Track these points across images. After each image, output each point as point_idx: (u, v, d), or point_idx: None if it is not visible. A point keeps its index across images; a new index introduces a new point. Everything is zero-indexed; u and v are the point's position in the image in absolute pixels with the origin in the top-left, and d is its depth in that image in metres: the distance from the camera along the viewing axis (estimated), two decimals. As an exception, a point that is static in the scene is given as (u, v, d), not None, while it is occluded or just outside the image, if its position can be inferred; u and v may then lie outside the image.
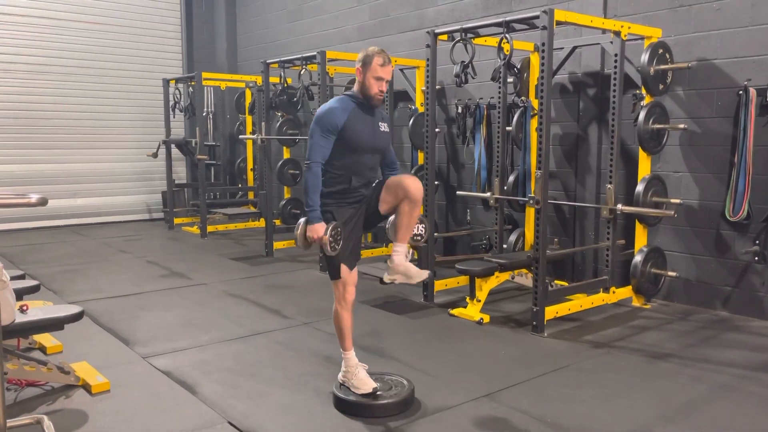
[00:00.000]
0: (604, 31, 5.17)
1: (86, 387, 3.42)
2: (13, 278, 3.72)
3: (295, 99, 7.47)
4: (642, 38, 5.06)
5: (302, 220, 3.19)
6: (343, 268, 3.20)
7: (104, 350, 4.08)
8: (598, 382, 3.59)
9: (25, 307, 3.29)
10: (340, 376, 3.32)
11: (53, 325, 3.34)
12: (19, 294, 3.70)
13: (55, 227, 9.37)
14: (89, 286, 5.83)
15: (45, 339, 4.06)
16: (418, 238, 3.39)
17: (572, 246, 5.87)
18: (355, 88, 3.24)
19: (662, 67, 4.91)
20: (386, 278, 3.28)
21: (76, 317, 3.39)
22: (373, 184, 3.30)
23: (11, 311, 3.11)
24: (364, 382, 3.22)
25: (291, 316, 4.87)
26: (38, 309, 3.44)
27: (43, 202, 2.26)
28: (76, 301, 5.11)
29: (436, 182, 5.84)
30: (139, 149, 9.96)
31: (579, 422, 3.07)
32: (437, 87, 6.32)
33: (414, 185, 3.12)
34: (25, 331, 3.41)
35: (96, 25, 9.79)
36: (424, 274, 3.19)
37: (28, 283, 4.06)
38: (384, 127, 3.31)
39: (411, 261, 3.31)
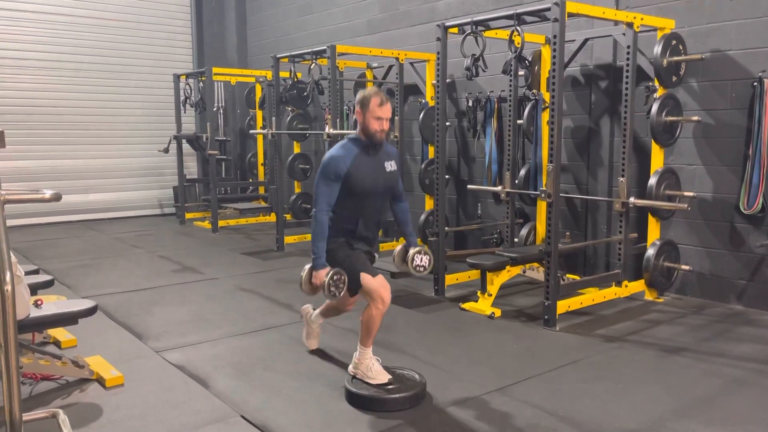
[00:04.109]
0: (616, 22, 5.13)
1: (100, 381, 3.45)
2: (27, 273, 3.77)
3: (305, 93, 7.46)
4: (655, 30, 5.01)
5: (307, 266, 3.29)
6: (364, 276, 3.24)
7: (118, 344, 4.12)
8: (610, 376, 3.58)
9: (39, 302, 3.32)
10: (350, 368, 3.39)
11: (67, 319, 3.37)
12: (34, 289, 3.74)
13: (68, 222, 9.46)
14: (102, 280, 5.87)
15: (59, 333, 4.10)
16: (421, 269, 3.46)
17: (584, 240, 5.84)
18: (358, 130, 3.28)
19: (675, 58, 4.86)
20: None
21: (90, 312, 3.43)
22: (379, 231, 3.39)
23: (26, 306, 3.15)
24: (379, 373, 3.30)
25: (302, 311, 4.88)
26: (52, 304, 3.47)
27: (56, 197, 2.26)
28: (90, 296, 5.15)
29: (446, 176, 5.83)
30: (150, 145, 10.03)
31: (591, 417, 3.06)
32: (448, 80, 6.29)
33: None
34: (39, 326, 3.45)
35: (107, 21, 9.84)
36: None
37: (42, 278, 4.11)
38: (391, 165, 3.33)
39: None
